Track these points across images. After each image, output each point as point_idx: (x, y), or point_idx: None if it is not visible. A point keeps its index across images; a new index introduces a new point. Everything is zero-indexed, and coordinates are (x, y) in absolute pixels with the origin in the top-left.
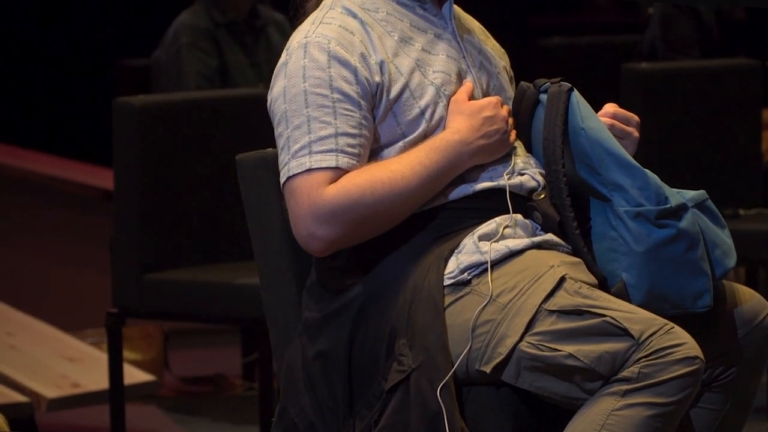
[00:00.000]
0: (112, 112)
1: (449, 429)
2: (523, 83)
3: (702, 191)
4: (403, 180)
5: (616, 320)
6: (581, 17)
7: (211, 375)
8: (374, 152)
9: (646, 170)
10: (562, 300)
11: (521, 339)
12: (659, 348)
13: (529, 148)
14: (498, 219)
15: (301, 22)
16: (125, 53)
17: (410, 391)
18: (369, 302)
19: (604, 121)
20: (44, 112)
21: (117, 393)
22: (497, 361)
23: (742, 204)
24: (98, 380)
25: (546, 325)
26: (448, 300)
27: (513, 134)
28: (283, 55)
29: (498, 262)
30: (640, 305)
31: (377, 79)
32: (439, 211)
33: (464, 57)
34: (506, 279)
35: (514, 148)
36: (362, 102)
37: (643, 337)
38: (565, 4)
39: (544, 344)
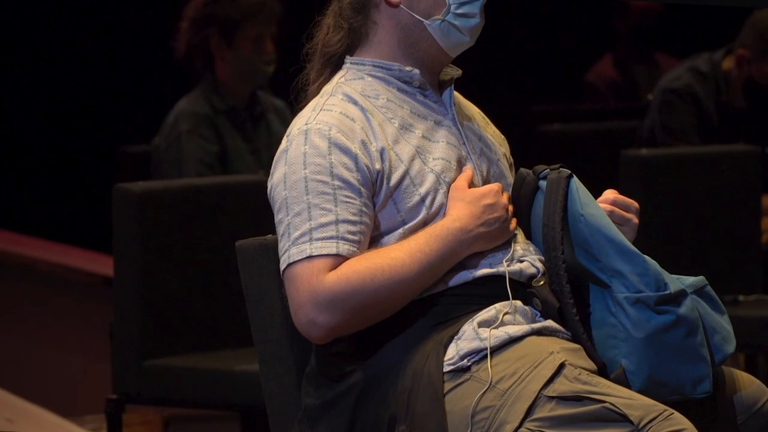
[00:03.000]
0: (113, 199)
1: None
2: (522, 169)
3: (701, 277)
4: (403, 267)
5: (615, 406)
6: (581, 104)
7: None
8: (374, 239)
9: (646, 256)
10: (561, 386)
11: (521, 425)
12: None
13: (528, 235)
14: (498, 305)
15: (303, 107)
16: (125, 140)
17: None
18: (368, 389)
19: (604, 208)
20: (44, 199)
21: None
22: None
23: (742, 290)
24: None
25: (545, 411)
26: (447, 386)
27: (513, 222)
28: (284, 141)
29: (497, 349)
30: (640, 391)
31: (378, 166)
32: (439, 297)
33: (464, 144)
34: (506, 365)
35: (514, 235)
36: (363, 189)
37: (643, 423)
38: (564, 91)
39: (544, 430)
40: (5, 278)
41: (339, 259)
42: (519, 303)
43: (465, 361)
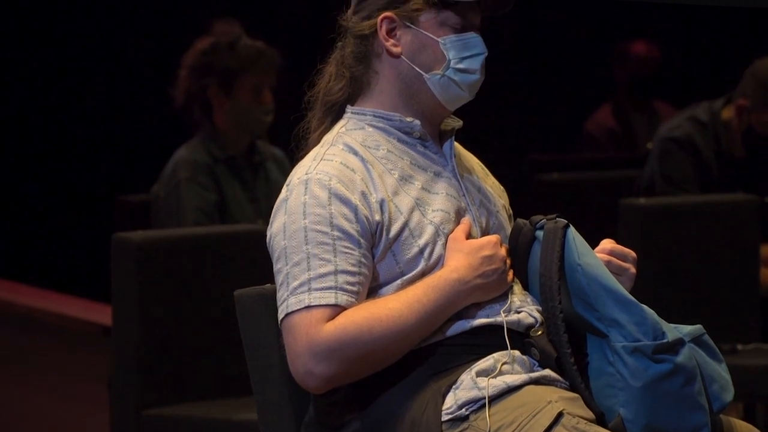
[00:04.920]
0: (111, 248)
1: None
2: (519, 220)
3: (699, 326)
4: (400, 318)
5: None
6: (580, 153)
7: None
8: (372, 290)
9: (643, 305)
10: None
11: None
12: None
13: (525, 285)
14: (496, 355)
15: (303, 155)
16: (124, 189)
17: None
18: None
19: (601, 258)
20: (43, 248)
21: None
22: None
23: (740, 339)
24: None
25: None
26: None
27: (511, 274)
28: (284, 190)
29: (496, 398)
30: None
31: (377, 217)
32: (437, 347)
33: (464, 195)
34: (504, 414)
35: (512, 286)
36: (362, 240)
37: None
38: (563, 140)
39: None
40: (3, 328)
41: (337, 309)
42: (517, 352)
43: (463, 410)
